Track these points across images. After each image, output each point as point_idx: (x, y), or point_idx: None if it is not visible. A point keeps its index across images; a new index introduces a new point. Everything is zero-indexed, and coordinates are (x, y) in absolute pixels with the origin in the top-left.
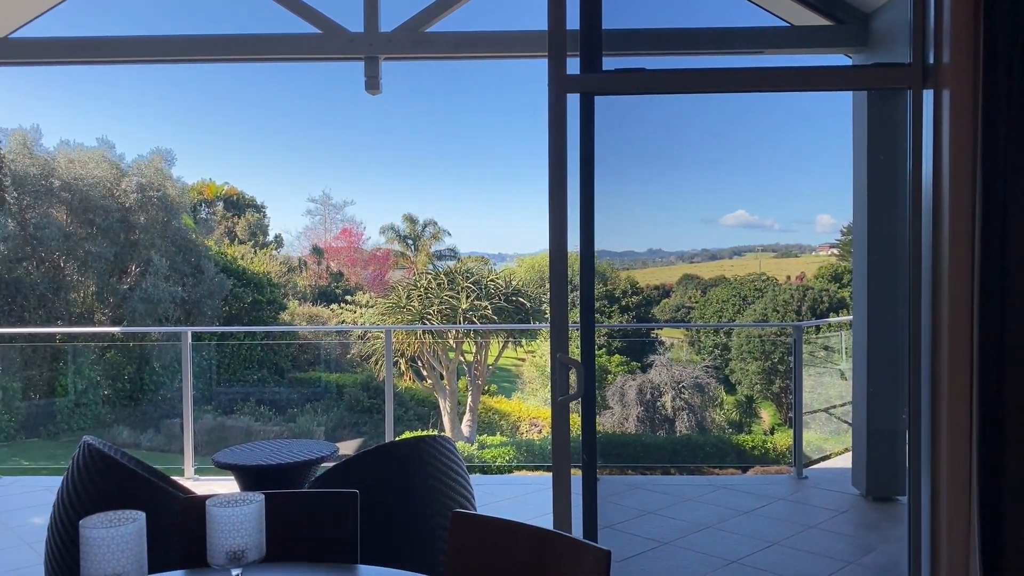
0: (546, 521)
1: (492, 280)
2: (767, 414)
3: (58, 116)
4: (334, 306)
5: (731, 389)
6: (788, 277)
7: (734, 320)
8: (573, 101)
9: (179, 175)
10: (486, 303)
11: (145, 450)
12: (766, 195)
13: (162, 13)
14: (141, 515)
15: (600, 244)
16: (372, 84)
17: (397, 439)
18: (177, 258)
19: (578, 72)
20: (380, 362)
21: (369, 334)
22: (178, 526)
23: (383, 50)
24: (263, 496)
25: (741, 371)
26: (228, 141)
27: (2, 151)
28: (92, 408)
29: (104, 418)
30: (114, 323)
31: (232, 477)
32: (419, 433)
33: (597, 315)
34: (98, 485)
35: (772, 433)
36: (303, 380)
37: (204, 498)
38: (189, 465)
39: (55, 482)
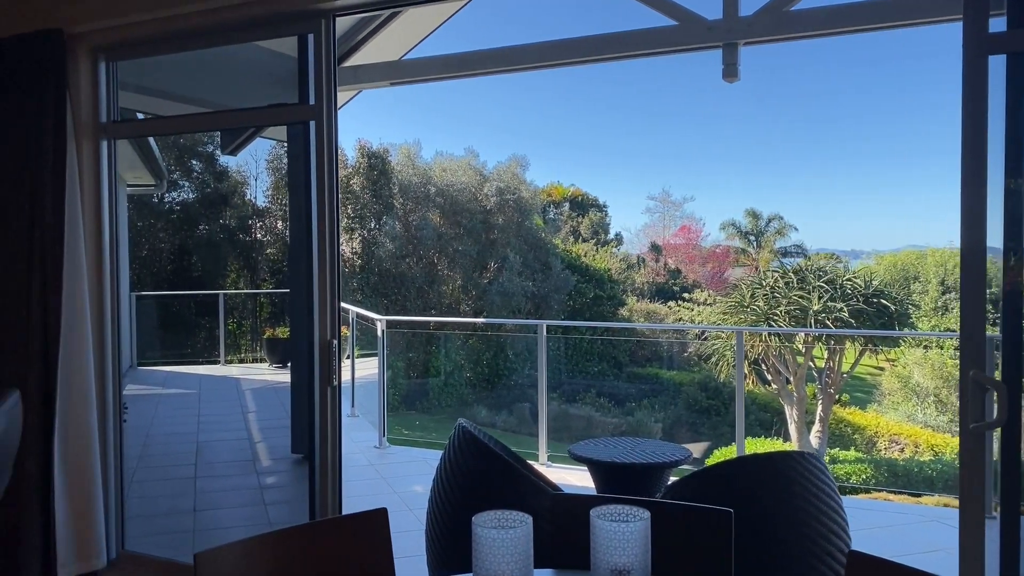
0: (934, 561)
1: (849, 279)
2: None
3: (435, 129)
4: (671, 303)
5: None
6: None
7: None
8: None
9: (532, 179)
10: (841, 305)
11: (500, 430)
12: None
13: (520, 25)
14: (528, 519)
15: (992, 239)
16: (730, 72)
17: (760, 452)
18: (528, 255)
19: (1003, 30)
20: (720, 362)
21: (708, 333)
22: (545, 520)
23: (743, 35)
24: (649, 513)
25: None
26: (575, 144)
27: (392, 163)
28: (457, 388)
29: (467, 398)
30: (475, 314)
31: (582, 468)
32: (769, 443)
33: (991, 324)
34: (469, 466)
35: None
36: (641, 375)
37: (572, 497)
38: (543, 451)
39: (430, 455)
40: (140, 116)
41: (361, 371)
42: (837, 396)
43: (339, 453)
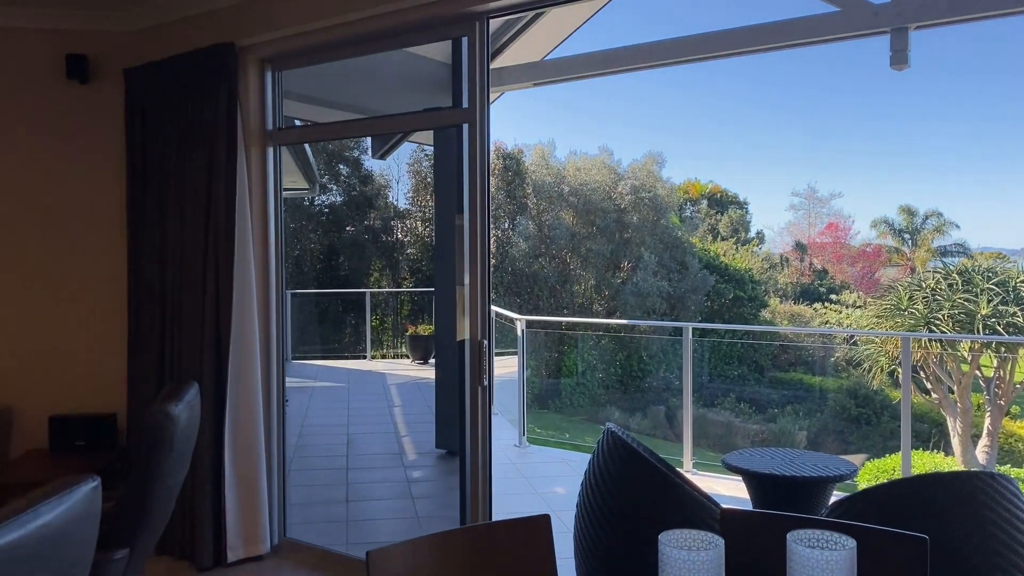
0: None
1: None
2: None
3: (569, 129)
4: (817, 305)
5: None
6: None
7: None
8: None
9: (668, 176)
10: (1015, 308)
11: (634, 432)
12: None
13: (665, 20)
14: (720, 541)
15: None
16: (899, 59)
17: (943, 472)
18: (664, 255)
19: None
20: (873, 369)
21: (857, 338)
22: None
23: (914, 18)
24: (854, 541)
25: None
26: (713, 140)
27: (526, 164)
28: (590, 389)
29: (599, 398)
30: (608, 314)
31: (731, 477)
32: (928, 456)
33: None
34: (619, 472)
35: None
36: (783, 380)
37: (745, 513)
38: (688, 458)
39: (570, 456)
40: (297, 123)
41: (496, 369)
42: (1008, 408)
43: (489, 452)
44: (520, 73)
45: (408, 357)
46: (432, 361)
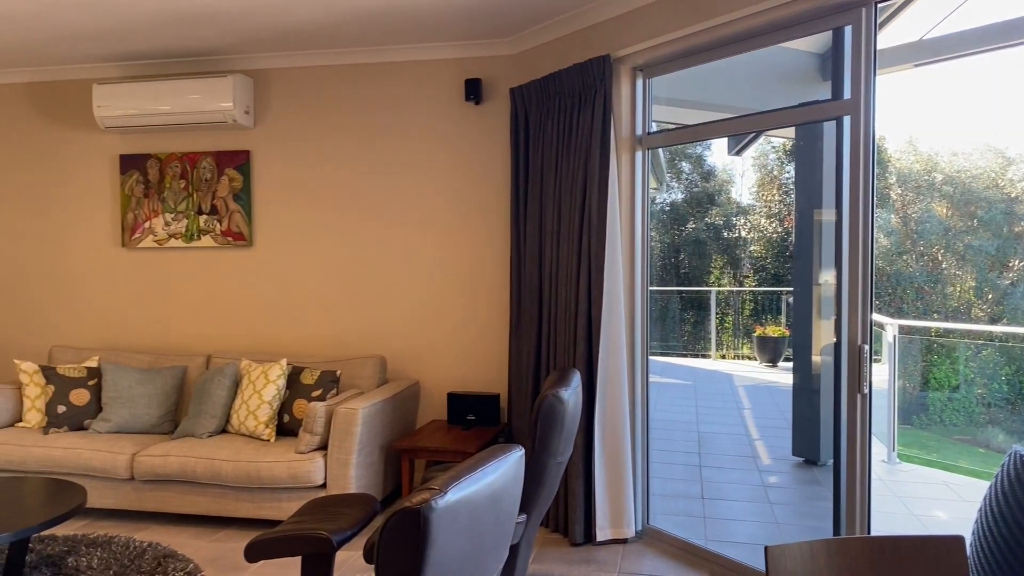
0: None
1: None
2: None
3: (941, 112)
4: None
5: None
6: None
7: None
8: None
9: None
10: None
11: None
12: None
13: None
14: None
15: None
16: None
17: None
18: None
19: None
20: None
21: None
22: None
23: None
24: None
25: None
26: None
27: (888, 152)
28: (966, 405)
29: (977, 417)
30: (992, 320)
31: None
32: None
33: None
34: None
35: None
36: None
37: None
38: None
39: (951, 478)
40: (654, 125)
41: None
42: None
43: (868, 466)
44: (898, 55)
45: (752, 358)
46: (781, 364)
